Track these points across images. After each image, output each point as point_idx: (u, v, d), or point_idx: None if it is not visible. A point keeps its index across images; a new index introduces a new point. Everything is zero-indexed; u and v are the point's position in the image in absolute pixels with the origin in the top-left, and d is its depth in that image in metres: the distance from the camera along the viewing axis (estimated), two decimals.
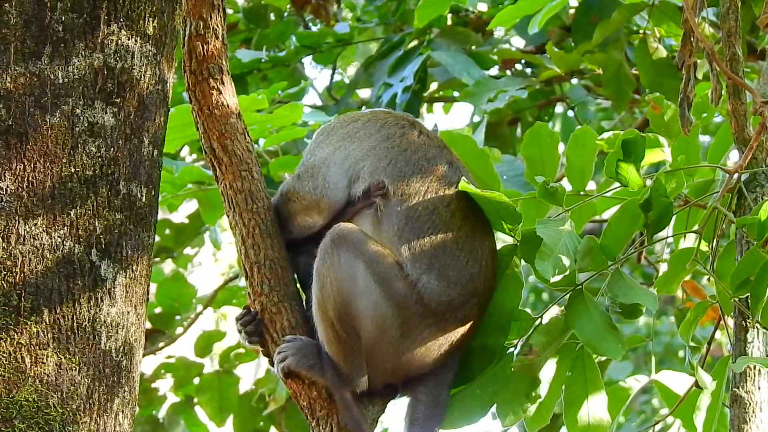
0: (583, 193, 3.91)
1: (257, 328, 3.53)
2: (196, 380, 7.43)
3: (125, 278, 3.15)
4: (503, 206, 3.52)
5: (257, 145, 5.68)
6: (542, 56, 7.24)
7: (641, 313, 3.52)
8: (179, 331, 7.53)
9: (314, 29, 8.13)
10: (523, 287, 3.64)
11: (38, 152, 3.07)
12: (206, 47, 3.50)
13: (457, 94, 7.76)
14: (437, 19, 6.79)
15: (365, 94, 8.45)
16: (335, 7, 8.19)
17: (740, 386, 3.58)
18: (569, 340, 3.57)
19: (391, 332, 3.46)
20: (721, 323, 3.79)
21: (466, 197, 3.56)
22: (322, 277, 3.45)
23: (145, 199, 3.22)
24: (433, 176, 3.58)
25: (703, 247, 3.70)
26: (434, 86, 7.74)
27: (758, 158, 3.80)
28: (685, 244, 3.94)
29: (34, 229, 3.04)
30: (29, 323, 3.00)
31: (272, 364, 3.53)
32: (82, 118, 3.13)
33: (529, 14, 5.18)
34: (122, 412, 3.12)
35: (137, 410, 3.39)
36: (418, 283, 3.47)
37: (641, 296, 3.43)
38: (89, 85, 3.15)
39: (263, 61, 7.49)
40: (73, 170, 3.10)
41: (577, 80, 7.38)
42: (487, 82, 6.76)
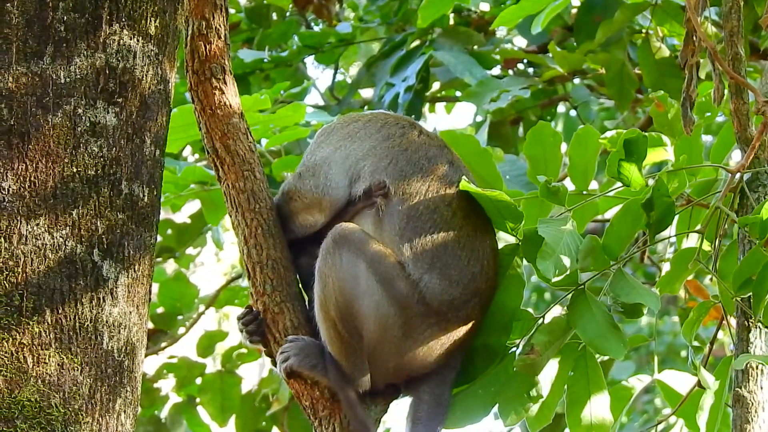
0: (585, 192, 3.91)
1: (258, 327, 3.53)
2: (198, 380, 7.43)
3: (127, 278, 3.15)
4: (504, 205, 3.52)
5: (260, 145, 5.67)
6: (545, 56, 7.24)
7: (643, 312, 3.52)
8: (181, 331, 7.53)
9: (316, 29, 8.12)
10: (525, 287, 3.64)
11: (40, 152, 3.07)
12: (209, 47, 3.50)
13: (459, 93, 7.76)
14: (440, 18, 6.78)
15: (367, 94, 8.44)
16: (337, 6, 8.19)
17: (743, 386, 3.58)
18: (571, 339, 3.56)
19: (393, 332, 3.46)
20: (723, 323, 3.79)
21: (467, 196, 3.56)
22: (324, 277, 3.45)
23: (147, 198, 3.22)
24: (434, 175, 3.58)
25: (705, 246, 3.69)
26: (436, 86, 7.73)
27: (760, 158, 3.80)
28: (687, 243, 3.93)
29: (36, 229, 3.04)
30: (31, 323, 3.00)
31: (275, 364, 3.53)
32: (84, 117, 3.13)
33: (531, 14, 5.18)
34: (124, 412, 3.12)
35: (139, 410, 3.39)
36: (419, 282, 3.47)
37: (643, 296, 3.43)
38: (91, 84, 3.15)
39: (265, 61, 7.49)
40: (75, 170, 3.10)
41: (579, 80, 7.37)
42: (489, 81, 6.76)
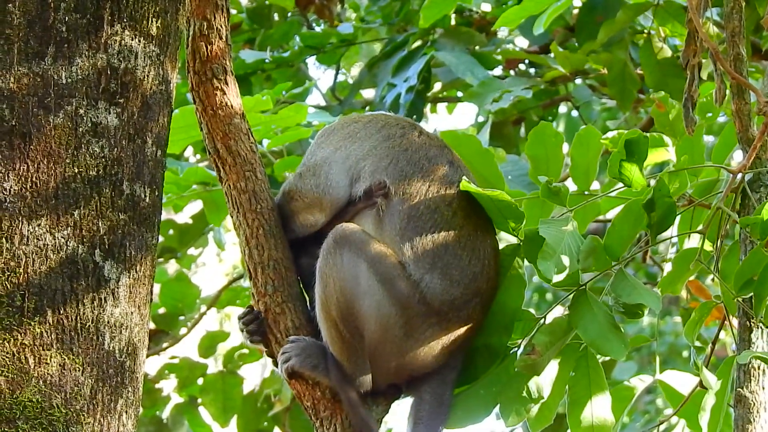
0: (587, 192, 3.90)
1: (259, 327, 3.53)
2: (200, 381, 7.43)
3: (129, 279, 3.15)
4: (506, 205, 3.52)
5: (261, 145, 5.67)
6: (546, 56, 7.23)
7: (645, 313, 3.52)
8: (183, 331, 7.53)
9: (318, 29, 8.12)
10: (526, 287, 3.63)
11: (42, 152, 3.07)
12: (210, 48, 3.50)
13: (461, 94, 7.76)
14: (441, 19, 6.78)
15: (369, 94, 8.44)
16: (339, 7, 8.19)
17: (745, 386, 3.58)
18: (573, 340, 3.56)
19: (394, 332, 3.46)
20: (725, 323, 3.78)
21: (467, 196, 3.56)
22: (324, 277, 3.45)
23: (148, 199, 3.22)
24: (434, 175, 3.57)
25: (707, 247, 3.69)
26: (438, 86, 7.73)
27: (762, 158, 3.79)
28: (689, 244, 3.93)
29: (37, 229, 3.04)
30: (33, 324, 3.00)
31: (276, 364, 3.53)
32: (85, 118, 3.13)
33: (533, 14, 5.18)
34: (126, 412, 3.12)
35: (141, 411, 3.39)
36: (420, 282, 3.47)
37: (645, 296, 3.42)
38: (92, 85, 3.15)
39: (267, 61, 7.48)
40: (76, 170, 3.10)
41: (581, 80, 7.37)
42: (491, 82, 6.76)
